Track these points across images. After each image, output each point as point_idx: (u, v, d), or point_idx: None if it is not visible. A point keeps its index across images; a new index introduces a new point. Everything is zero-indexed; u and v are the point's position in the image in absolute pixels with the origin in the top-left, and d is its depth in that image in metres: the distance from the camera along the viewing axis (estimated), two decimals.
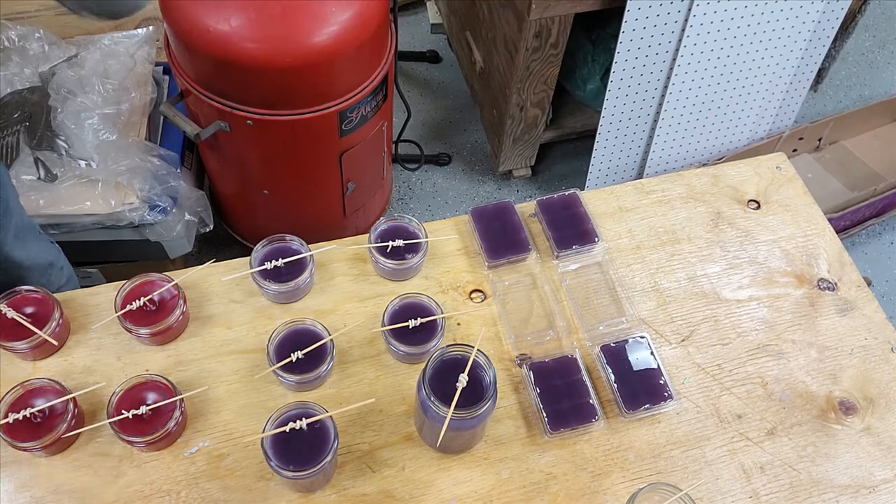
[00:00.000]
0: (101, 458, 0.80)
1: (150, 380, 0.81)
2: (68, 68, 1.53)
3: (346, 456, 0.81)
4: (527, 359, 0.89)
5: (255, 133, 1.36)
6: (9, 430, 0.77)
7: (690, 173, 1.09)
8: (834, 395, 0.89)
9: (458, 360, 0.77)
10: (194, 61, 1.31)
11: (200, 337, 0.89)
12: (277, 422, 0.76)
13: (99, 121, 1.46)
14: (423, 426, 0.81)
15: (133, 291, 0.87)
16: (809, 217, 1.05)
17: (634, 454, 0.84)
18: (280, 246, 0.92)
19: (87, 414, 0.83)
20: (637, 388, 0.86)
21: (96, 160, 1.44)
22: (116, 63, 1.55)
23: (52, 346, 0.85)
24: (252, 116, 1.32)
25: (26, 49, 1.55)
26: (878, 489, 0.83)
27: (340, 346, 0.88)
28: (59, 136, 1.46)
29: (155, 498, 0.78)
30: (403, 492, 0.79)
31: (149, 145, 1.47)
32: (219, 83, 1.31)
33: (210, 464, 0.80)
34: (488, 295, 0.94)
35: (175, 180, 1.46)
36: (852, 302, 0.97)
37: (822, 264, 1.00)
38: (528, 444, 0.83)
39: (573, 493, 0.80)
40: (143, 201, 1.43)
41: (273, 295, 0.90)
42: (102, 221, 1.44)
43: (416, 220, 0.95)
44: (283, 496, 0.78)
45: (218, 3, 1.22)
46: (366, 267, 0.96)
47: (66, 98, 1.49)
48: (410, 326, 0.86)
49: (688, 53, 1.61)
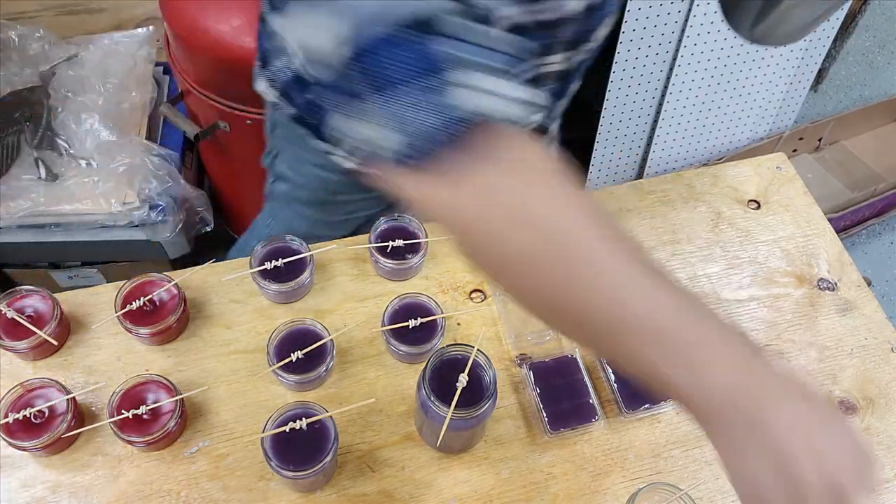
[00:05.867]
0: (101, 458, 0.80)
1: (150, 380, 0.81)
2: (68, 68, 1.53)
3: (346, 456, 0.81)
4: (527, 359, 0.89)
5: (255, 133, 1.36)
6: (9, 430, 0.77)
7: (690, 173, 1.09)
8: (834, 395, 0.89)
9: (458, 360, 0.77)
10: (194, 61, 1.31)
11: (200, 337, 0.89)
12: (277, 422, 0.76)
13: (99, 120, 1.46)
14: (423, 426, 0.81)
15: (133, 291, 0.87)
16: (809, 217, 1.05)
17: (634, 454, 0.83)
18: (280, 246, 0.92)
19: (87, 414, 0.83)
20: (637, 388, 0.86)
21: (97, 160, 1.44)
22: (116, 63, 1.55)
23: (52, 346, 0.85)
24: (252, 116, 1.32)
25: (26, 49, 1.55)
26: (878, 489, 0.83)
27: (340, 346, 0.88)
28: (60, 136, 1.46)
29: (155, 498, 0.78)
30: (403, 492, 0.79)
31: (149, 145, 1.47)
32: (219, 83, 1.31)
33: (210, 464, 0.80)
34: (488, 295, 0.94)
35: (175, 180, 1.46)
36: (852, 302, 0.97)
37: (822, 264, 1.00)
38: (528, 444, 0.83)
39: (573, 493, 0.80)
40: (143, 201, 1.43)
41: (273, 295, 0.90)
42: (102, 221, 1.44)
43: (416, 220, 0.95)
44: (283, 496, 0.78)
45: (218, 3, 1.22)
46: (366, 267, 0.96)
47: (66, 98, 1.49)
48: (410, 326, 0.86)
49: (688, 53, 1.61)
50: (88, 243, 1.49)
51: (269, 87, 0.87)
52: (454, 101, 0.50)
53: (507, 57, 0.53)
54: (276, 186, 1.04)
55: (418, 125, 0.50)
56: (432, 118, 0.50)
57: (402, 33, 0.49)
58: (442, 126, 0.50)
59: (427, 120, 0.50)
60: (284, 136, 0.95)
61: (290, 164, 0.98)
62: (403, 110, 0.50)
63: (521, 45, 0.54)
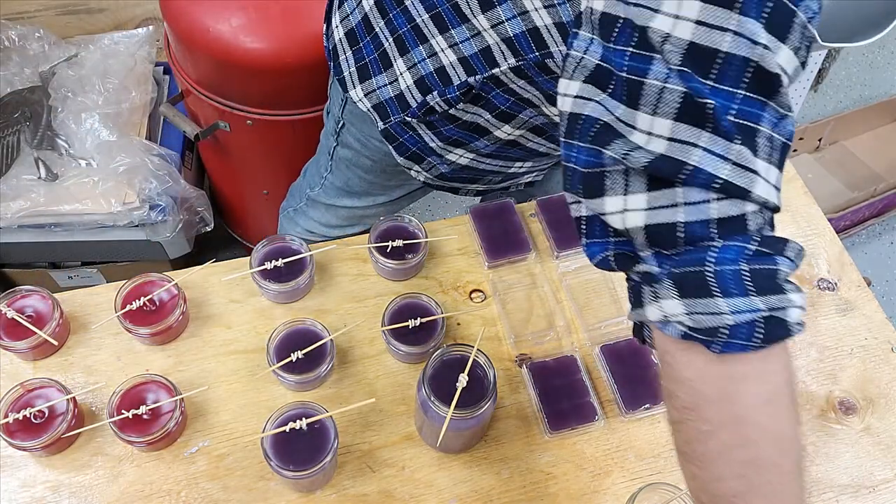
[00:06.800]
0: (101, 458, 0.80)
1: (150, 380, 0.81)
2: (68, 68, 1.53)
3: (346, 456, 0.81)
4: (527, 359, 0.89)
5: (255, 133, 1.36)
6: (9, 430, 0.77)
7: None
8: (834, 395, 0.89)
9: (458, 360, 0.77)
10: (194, 61, 1.31)
11: (200, 337, 0.89)
12: (277, 422, 0.76)
13: (99, 120, 1.46)
14: (423, 426, 0.81)
15: (133, 291, 0.87)
16: (809, 217, 1.05)
17: (634, 454, 0.84)
18: (280, 246, 0.92)
19: (87, 414, 0.83)
20: (637, 388, 0.86)
21: (97, 160, 1.44)
22: (116, 63, 1.55)
23: (52, 346, 0.85)
24: (252, 116, 1.32)
25: (26, 49, 1.55)
26: (878, 489, 0.83)
27: (340, 346, 0.88)
28: (60, 136, 1.46)
29: (155, 498, 0.78)
30: (403, 492, 0.79)
31: (149, 145, 1.47)
32: (219, 83, 1.31)
33: (210, 464, 0.80)
34: (488, 295, 0.94)
35: (175, 180, 1.46)
36: (852, 302, 0.97)
37: (822, 264, 1.00)
38: (528, 444, 0.83)
39: (573, 493, 0.80)
40: (143, 201, 1.43)
41: (273, 295, 0.90)
42: (102, 221, 1.44)
43: (416, 219, 0.95)
44: (283, 496, 0.78)
45: (218, 3, 1.22)
46: (366, 267, 0.96)
47: (66, 98, 1.49)
48: (410, 326, 0.86)
49: None
50: (88, 243, 1.49)
51: (364, 98, 0.89)
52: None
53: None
54: (340, 151, 1.04)
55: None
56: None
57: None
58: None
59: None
60: (356, 114, 0.95)
61: (359, 137, 0.98)
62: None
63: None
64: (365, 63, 0.88)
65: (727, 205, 0.49)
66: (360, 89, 0.89)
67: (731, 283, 0.49)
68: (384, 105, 0.88)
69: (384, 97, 0.87)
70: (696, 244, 0.50)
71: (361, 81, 0.89)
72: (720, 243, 0.49)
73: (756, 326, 0.49)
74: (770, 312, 0.49)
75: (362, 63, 0.88)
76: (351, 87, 0.90)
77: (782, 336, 0.49)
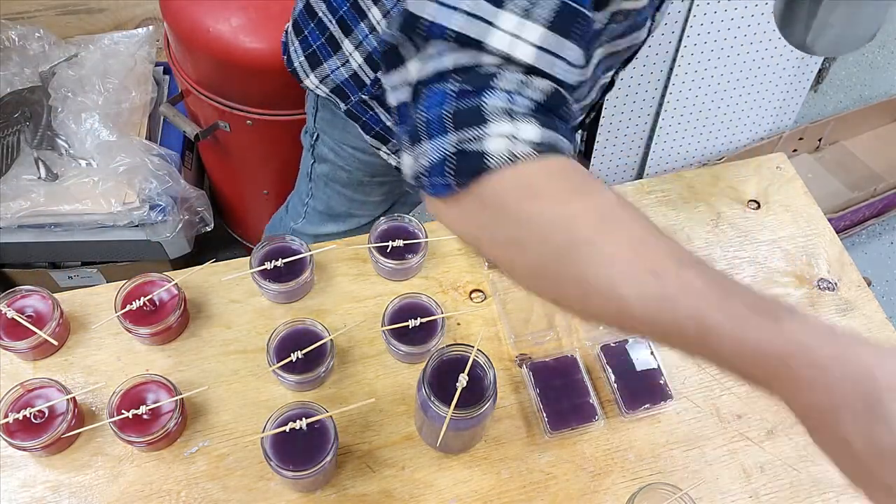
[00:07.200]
0: (101, 458, 0.80)
1: (150, 380, 0.81)
2: (68, 68, 1.53)
3: (346, 456, 0.81)
4: (527, 359, 0.89)
5: (255, 133, 1.36)
6: (9, 430, 0.77)
7: (690, 173, 1.09)
8: None
9: (458, 360, 0.77)
10: (194, 61, 1.31)
11: (200, 337, 0.89)
12: (277, 422, 0.76)
13: (99, 120, 1.46)
14: (423, 426, 0.81)
15: (133, 291, 0.87)
16: (809, 217, 1.05)
17: (634, 454, 0.83)
18: (280, 246, 0.92)
19: (87, 414, 0.83)
20: (637, 388, 0.86)
21: (97, 160, 1.44)
22: (116, 63, 1.55)
23: (52, 346, 0.85)
24: (252, 116, 1.32)
25: (26, 49, 1.55)
26: None
27: (340, 346, 0.88)
28: (60, 136, 1.46)
29: (155, 498, 0.78)
30: (403, 492, 0.79)
31: (149, 145, 1.47)
32: (219, 83, 1.31)
33: (210, 464, 0.80)
34: (488, 295, 0.94)
35: (175, 180, 1.46)
36: (852, 302, 0.97)
37: (822, 264, 1.00)
38: (528, 444, 0.83)
39: (573, 493, 0.80)
40: (143, 201, 1.43)
41: (273, 295, 0.90)
42: (102, 221, 1.44)
43: (416, 220, 0.95)
44: (283, 496, 0.78)
45: (218, 3, 1.22)
46: (366, 267, 0.96)
47: (66, 98, 1.49)
48: (410, 326, 0.86)
49: (688, 53, 1.61)
50: (88, 243, 1.49)
51: (320, 84, 0.88)
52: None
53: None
54: (317, 168, 1.04)
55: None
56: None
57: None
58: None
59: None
60: (327, 120, 0.96)
61: (332, 146, 0.98)
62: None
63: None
64: (313, 50, 0.88)
65: (461, 55, 0.49)
66: (314, 76, 0.89)
67: (435, 126, 0.49)
68: (341, 87, 0.88)
69: (339, 80, 0.87)
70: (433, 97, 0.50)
71: (313, 69, 0.89)
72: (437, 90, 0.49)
73: (447, 163, 0.48)
74: (460, 146, 0.48)
75: (310, 51, 0.88)
76: (304, 76, 0.90)
77: (475, 168, 0.47)
